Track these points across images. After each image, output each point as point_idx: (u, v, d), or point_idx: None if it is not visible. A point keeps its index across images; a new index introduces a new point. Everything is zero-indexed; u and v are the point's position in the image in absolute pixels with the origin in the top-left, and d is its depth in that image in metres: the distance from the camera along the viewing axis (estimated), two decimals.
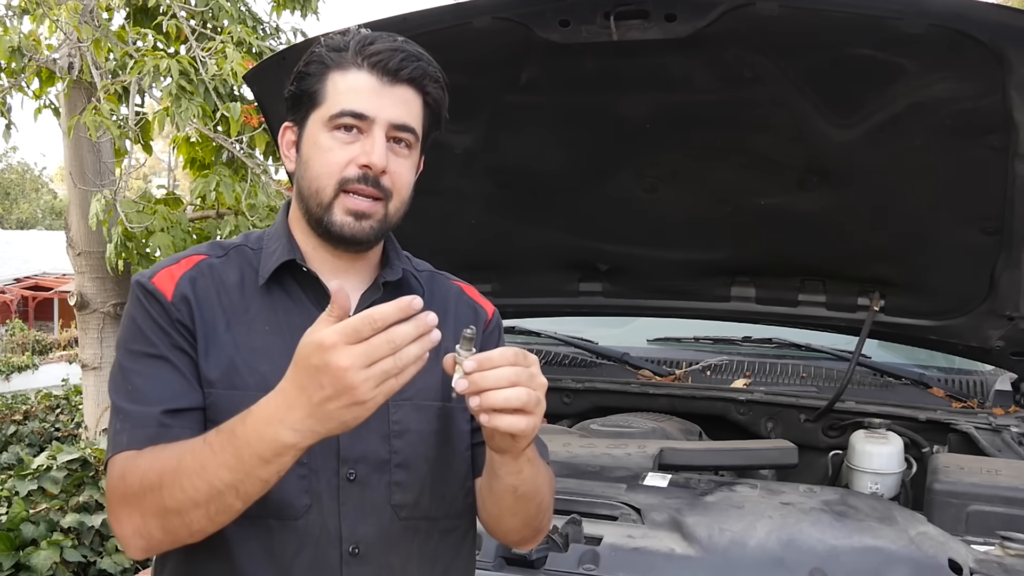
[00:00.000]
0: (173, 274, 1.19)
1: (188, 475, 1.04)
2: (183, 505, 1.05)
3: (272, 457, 1.01)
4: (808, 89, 2.05)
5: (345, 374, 0.95)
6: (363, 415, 0.98)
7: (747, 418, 2.75)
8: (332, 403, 0.96)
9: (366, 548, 1.17)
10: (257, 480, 1.03)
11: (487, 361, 1.02)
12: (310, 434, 0.99)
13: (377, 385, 0.96)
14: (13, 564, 3.67)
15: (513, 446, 1.09)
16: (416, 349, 0.97)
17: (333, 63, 1.18)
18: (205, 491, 1.03)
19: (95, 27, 4.39)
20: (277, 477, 1.03)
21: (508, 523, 1.25)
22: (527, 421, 1.03)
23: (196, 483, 1.04)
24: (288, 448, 1.00)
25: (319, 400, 0.97)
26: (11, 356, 16.44)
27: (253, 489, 1.04)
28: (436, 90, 1.22)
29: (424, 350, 0.98)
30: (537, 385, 1.04)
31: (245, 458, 1.01)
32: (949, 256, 2.35)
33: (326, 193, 1.17)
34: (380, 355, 0.95)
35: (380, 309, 0.96)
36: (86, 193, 4.95)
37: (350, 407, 0.97)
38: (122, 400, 1.15)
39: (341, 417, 0.98)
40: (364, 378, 0.95)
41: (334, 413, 0.97)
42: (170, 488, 1.05)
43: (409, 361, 0.97)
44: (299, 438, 0.99)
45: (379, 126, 1.17)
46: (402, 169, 1.20)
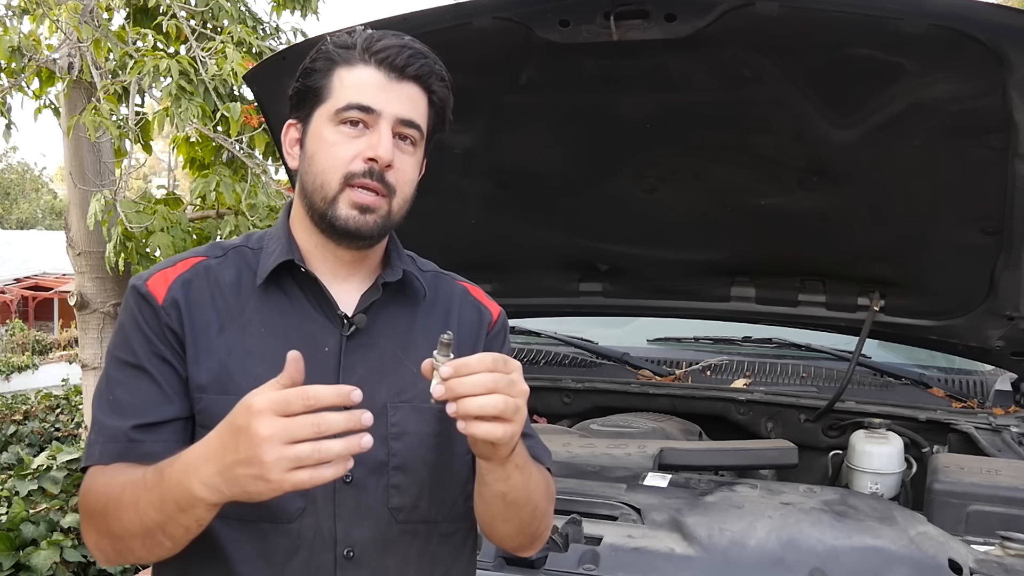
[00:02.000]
0: (167, 277, 1.19)
1: (125, 507, 1.05)
2: (122, 533, 1.07)
3: (186, 506, 1.00)
4: (808, 89, 2.05)
5: (261, 444, 0.92)
6: (267, 493, 0.95)
7: (747, 418, 2.75)
8: (241, 468, 0.94)
9: (361, 551, 1.16)
10: (178, 525, 1.02)
11: (464, 367, 1.00)
12: (216, 493, 0.97)
13: (288, 469, 0.92)
14: (13, 564, 3.67)
15: (494, 453, 1.07)
16: (339, 447, 0.93)
17: (340, 59, 1.18)
18: (138, 525, 1.04)
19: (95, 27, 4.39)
20: (198, 527, 1.02)
21: (502, 529, 1.23)
22: (504, 429, 1.01)
23: (131, 516, 1.05)
24: (198, 501, 0.98)
25: (231, 461, 0.95)
26: (11, 356, 16.44)
27: (178, 532, 1.03)
28: (442, 89, 1.22)
29: (348, 452, 0.93)
30: (517, 392, 1.02)
31: (167, 502, 1.01)
32: (949, 256, 2.36)
33: (331, 187, 1.16)
34: (301, 436, 0.92)
35: (317, 389, 0.93)
36: (86, 193, 4.95)
37: (255, 480, 0.94)
38: (100, 411, 1.16)
39: (246, 487, 0.95)
40: (277, 456, 0.92)
41: (240, 479, 0.95)
42: (113, 516, 1.07)
43: (328, 456, 0.92)
44: (207, 493, 0.97)
45: (386, 120, 1.16)
46: (406, 166, 1.19)
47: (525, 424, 1.24)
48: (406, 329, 1.23)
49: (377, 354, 1.20)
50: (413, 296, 1.26)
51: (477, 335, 1.29)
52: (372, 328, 1.21)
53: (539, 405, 2.91)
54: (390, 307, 1.24)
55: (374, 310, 1.22)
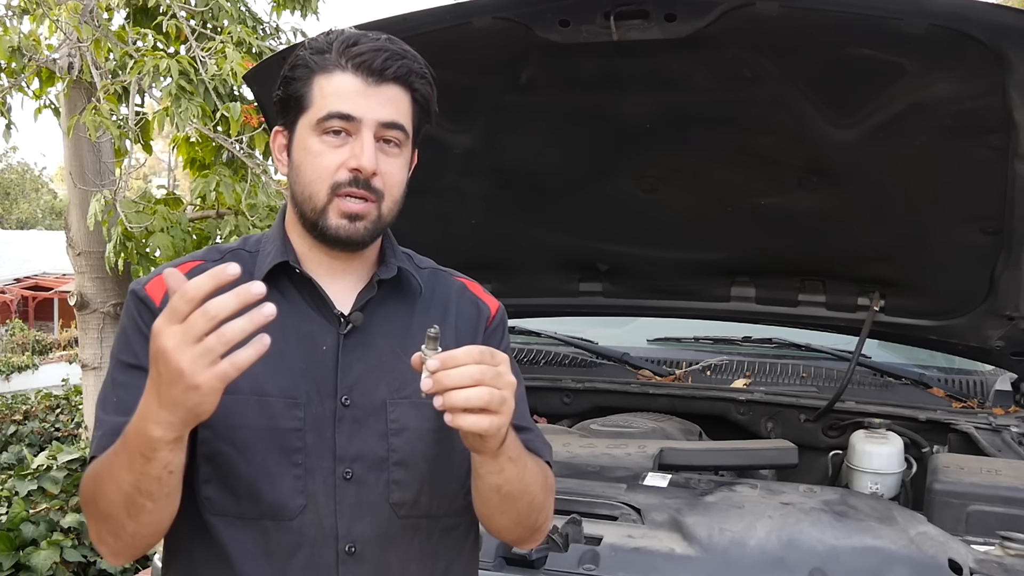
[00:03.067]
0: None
1: (106, 480, 1.07)
2: (110, 510, 1.08)
3: (150, 453, 1.00)
4: (808, 89, 2.05)
5: (172, 355, 0.92)
6: (204, 401, 0.95)
7: (747, 418, 2.74)
8: (172, 389, 0.95)
9: (363, 547, 1.17)
10: (150, 478, 1.02)
11: (450, 360, 1.01)
12: (169, 425, 0.98)
13: (207, 366, 0.92)
14: (13, 564, 3.67)
15: (484, 446, 1.08)
16: (242, 324, 0.92)
17: (317, 66, 1.18)
18: (118, 494, 1.05)
19: (95, 27, 4.39)
20: (168, 473, 1.03)
21: (499, 522, 1.24)
22: (490, 421, 1.02)
23: (111, 487, 1.06)
24: (157, 442, 0.99)
25: (163, 389, 0.96)
26: (11, 356, 16.44)
27: (152, 487, 1.03)
28: (423, 86, 1.21)
29: (254, 325, 0.93)
30: (504, 384, 1.03)
31: (134, 457, 1.02)
32: (949, 256, 2.35)
33: (319, 198, 1.17)
34: (200, 330, 0.91)
35: (192, 282, 0.92)
36: (86, 193, 4.95)
37: (187, 392, 0.94)
38: (104, 410, 1.17)
39: (185, 403, 0.95)
40: (190, 358, 0.92)
41: (178, 399, 0.95)
42: (100, 495, 1.08)
43: (234, 337, 0.92)
44: (162, 431, 0.98)
45: (367, 127, 1.16)
46: (393, 169, 1.19)
47: (525, 418, 1.25)
48: (404, 326, 1.24)
49: (375, 351, 1.20)
50: (410, 293, 1.27)
51: (475, 331, 1.29)
52: (369, 326, 1.21)
53: (539, 405, 2.91)
54: (387, 304, 1.24)
55: (371, 308, 1.22)
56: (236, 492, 1.15)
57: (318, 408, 1.17)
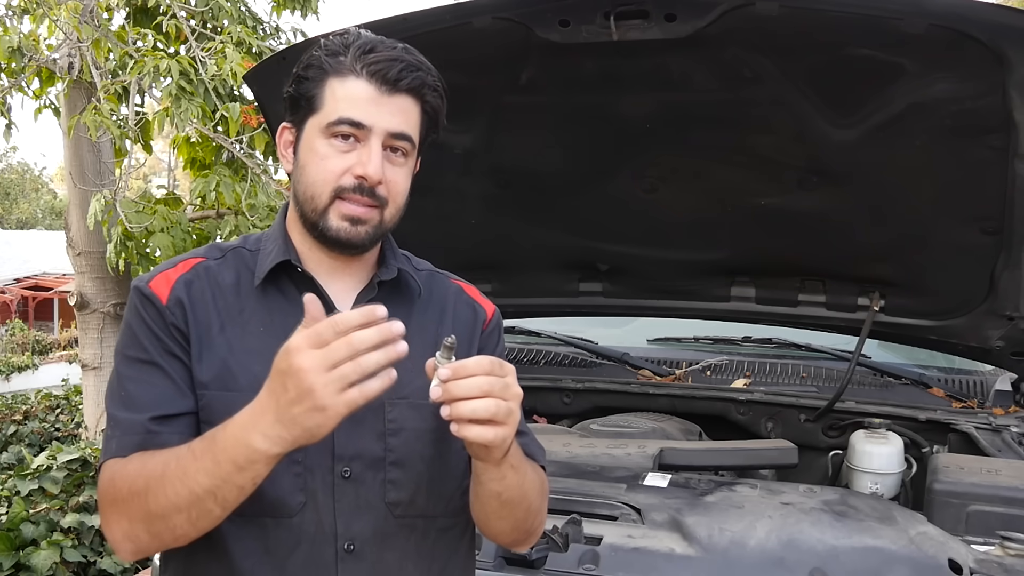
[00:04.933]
0: (169, 278, 1.21)
1: (171, 480, 1.06)
2: (166, 510, 1.07)
3: (246, 464, 1.01)
4: (808, 89, 2.05)
5: (306, 376, 0.95)
6: (326, 424, 0.98)
7: (747, 418, 2.74)
8: (296, 407, 0.97)
9: (361, 545, 1.17)
10: (234, 487, 1.03)
11: (462, 369, 1.02)
12: (279, 441, 1.00)
13: (339, 391, 0.95)
14: (13, 564, 3.67)
15: (488, 455, 1.08)
16: (378, 357, 0.96)
17: (332, 69, 1.18)
18: (186, 496, 1.05)
19: (95, 27, 4.39)
20: (252, 485, 1.04)
21: (496, 526, 1.25)
22: (495, 432, 1.03)
23: (178, 488, 1.05)
24: (260, 454, 1.01)
25: (284, 404, 0.98)
26: (11, 356, 16.43)
27: (231, 495, 1.04)
28: (435, 98, 1.22)
29: (388, 359, 0.97)
30: (511, 396, 1.04)
31: (222, 463, 1.02)
32: (949, 256, 2.35)
33: (321, 199, 1.18)
34: (339, 358, 0.95)
35: (344, 315, 0.97)
36: (86, 193, 4.95)
37: (311, 412, 0.97)
38: (115, 407, 1.17)
39: (304, 423, 0.98)
40: (324, 382, 0.95)
41: (298, 418, 0.97)
42: (155, 493, 1.07)
43: (369, 368, 0.96)
44: (269, 444, 1.00)
45: (376, 136, 1.17)
46: (398, 177, 1.20)
47: (521, 422, 1.25)
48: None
49: None
50: (408, 294, 1.28)
51: (472, 333, 1.30)
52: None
53: (539, 405, 2.91)
54: (386, 305, 1.24)
55: None
56: None
57: None
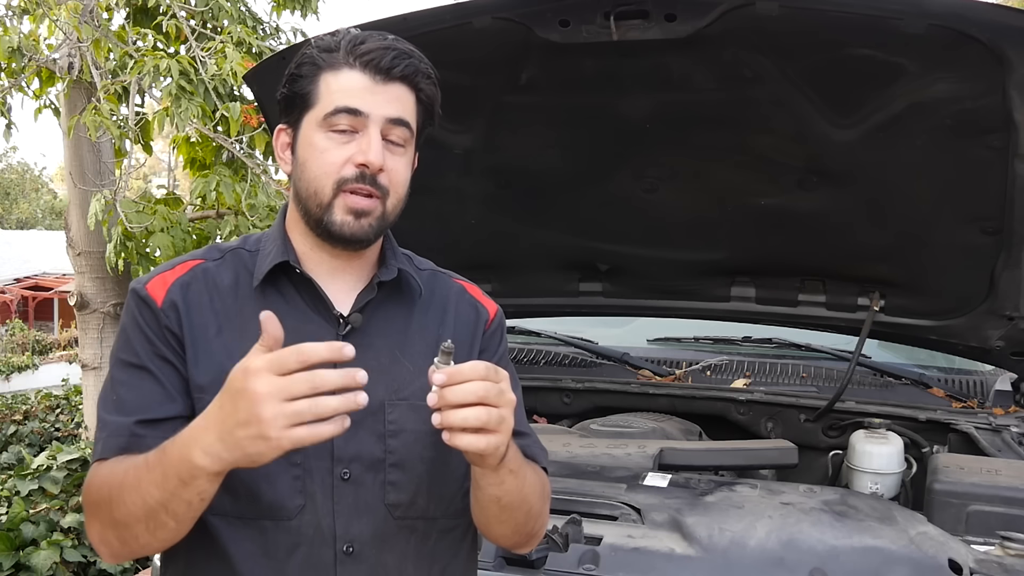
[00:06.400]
0: (166, 280, 1.20)
1: (128, 490, 1.06)
2: (127, 519, 1.07)
3: (188, 479, 1.00)
4: (808, 89, 2.05)
5: (259, 401, 0.94)
6: (267, 454, 0.96)
7: (747, 418, 2.74)
8: (241, 430, 0.95)
9: (360, 547, 1.17)
10: (181, 501, 1.02)
11: (457, 374, 1.01)
12: (218, 460, 0.98)
13: (288, 426, 0.93)
14: (13, 564, 3.67)
15: (482, 461, 1.08)
16: (336, 403, 0.94)
17: (325, 63, 1.18)
18: (141, 507, 1.05)
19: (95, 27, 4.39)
20: (200, 501, 1.03)
21: (497, 530, 1.24)
22: (488, 441, 1.02)
23: (134, 498, 1.06)
24: (199, 471, 0.99)
25: (231, 425, 0.96)
26: (11, 356, 16.43)
27: (180, 510, 1.03)
28: (429, 86, 1.22)
29: (345, 407, 0.95)
30: (504, 402, 1.03)
31: (169, 477, 1.02)
32: (949, 256, 2.35)
33: (325, 194, 1.17)
34: (297, 393, 0.93)
35: (310, 346, 0.95)
36: (86, 193, 4.95)
37: (255, 440, 0.95)
38: (104, 409, 1.17)
39: (246, 448, 0.96)
40: (275, 413, 0.93)
41: (241, 441, 0.96)
42: (116, 502, 1.08)
43: (325, 411, 0.94)
44: (208, 462, 0.98)
45: (374, 123, 1.16)
46: (398, 166, 1.20)
47: (522, 423, 1.25)
48: (402, 327, 1.24)
49: (373, 353, 1.20)
50: (409, 294, 1.27)
51: (474, 333, 1.30)
52: (368, 327, 1.21)
53: (539, 405, 2.91)
54: (386, 306, 1.24)
55: (370, 309, 1.22)
56: (235, 492, 1.15)
57: None
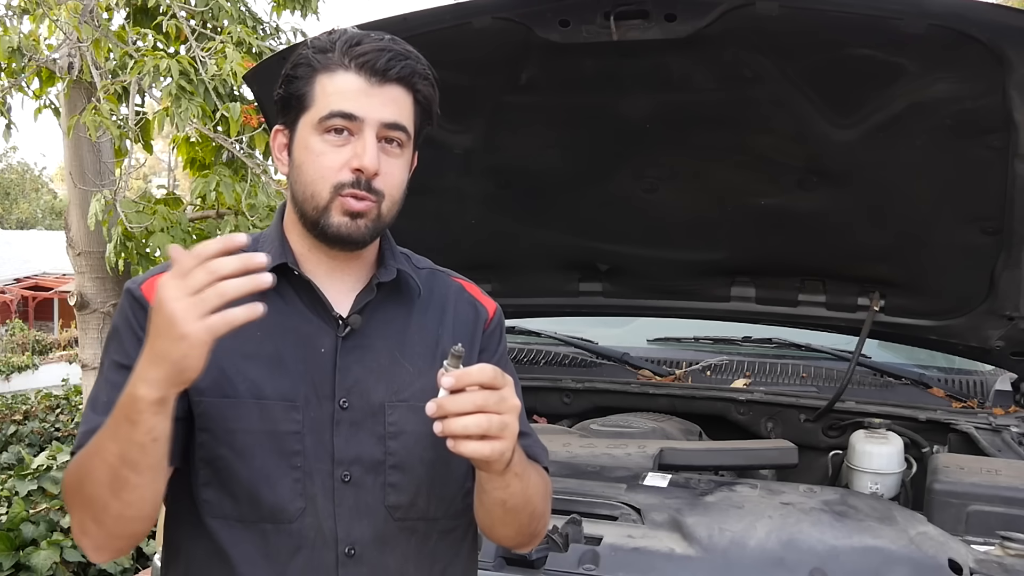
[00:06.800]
0: None
1: (91, 458, 1.07)
2: (94, 491, 1.07)
3: (134, 415, 1.00)
4: (808, 89, 2.05)
5: (167, 304, 0.95)
6: (190, 353, 0.96)
7: (747, 418, 2.74)
8: (161, 340, 0.96)
9: (362, 549, 1.17)
10: (134, 444, 1.02)
11: (465, 377, 1.01)
12: (154, 383, 0.98)
13: (199, 316, 0.94)
14: (13, 564, 3.67)
15: (488, 467, 1.07)
16: (240, 283, 0.95)
17: (320, 65, 1.17)
18: (104, 469, 1.05)
19: (95, 27, 4.39)
20: (151, 441, 1.02)
21: (501, 532, 1.24)
22: (492, 447, 1.02)
23: (97, 463, 1.06)
24: (142, 402, 0.99)
25: (153, 340, 0.98)
26: (11, 356, 16.43)
27: (136, 455, 1.03)
28: (426, 87, 1.21)
29: (251, 287, 0.96)
30: (506, 408, 1.03)
31: (120, 422, 1.02)
32: (949, 256, 2.35)
33: (321, 197, 1.16)
34: (199, 283, 0.95)
35: (205, 244, 0.97)
36: (86, 193, 4.95)
37: (175, 342, 0.95)
38: (89, 407, 1.17)
39: (170, 354, 0.96)
40: (184, 308, 0.94)
41: (165, 351, 0.96)
42: (84, 478, 1.08)
43: (229, 293, 0.95)
44: (147, 388, 0.98)
45: (369, 127, 1.16)
46: (394, 170, 1.19)
47: (523, 422, 1.25)
48: (401, 328, 1.24)
49: (373, 354, 1.20)
50: (408, 295, 1.26)
51: (473, 333, 1.29)
52: (367, 328, 1.21)
53: (539, 405, 2.91)
54: (385, 306, 1.24)
55: (369, 310, 1.22)
56: (235, 495, 1.15)
57: (316, 411, 1.17)
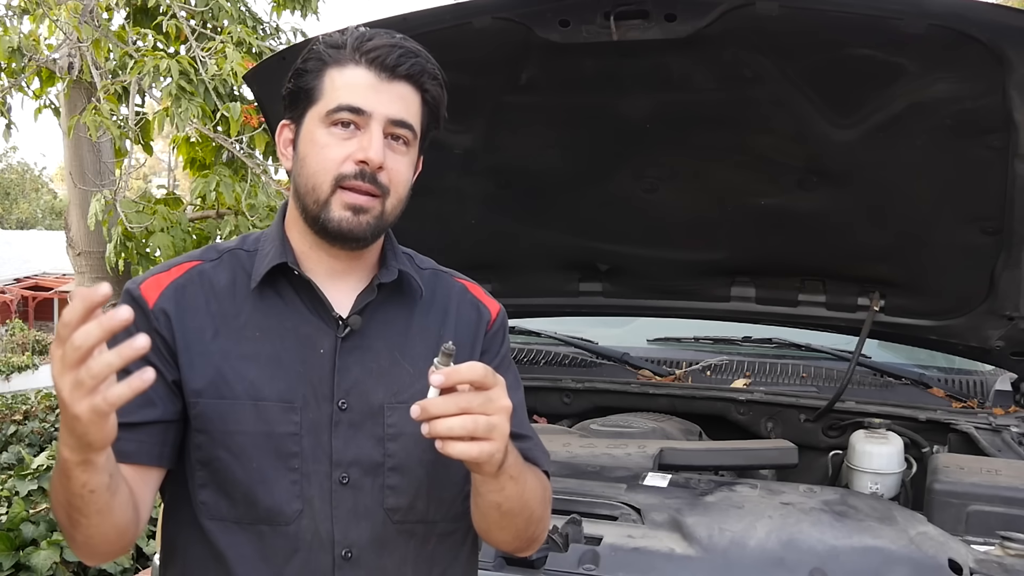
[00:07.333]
0: (160, 282, 1.19)
1: (54, 489, 1.07)
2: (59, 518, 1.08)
3: (67, 472, 0.98)
4: (808, 89, 2.05)
5: (56, 380, 0.90)
6: (89, 432, 0.91)
7: (747, 418, 2.74)
8: (64, 413, 0.93)
9: (359, 552, 1.16)
10: (75, 495, 1.00)
11: (454, 375, 1.00)
12: (73, 447, 0.95)
13: (83, 397, 0.88)
14: (13, 564, 3.67)
15: (479, 469, 1.06)
16: (109, 358, 0.87)
17: (331, 59, 1.17)
18: (60, 507, 1.06)
19: (95, 27, 4.39)
20: (89, 493, 1.00)
21: (497, 536, 1.23)
22: (480, 448, 1.00)
23: (54, 500, 1.07)
24: (67, 462, 0.97)
25: (62, 411, 0.94)
26: (11, 356, 16.42)
27: (78, 503, 1.01)
28: (435, 87, 1.21)
29: (121, 360, 0.87)
30: (494, 409, 1.00)
31: (60, 475, 1.01)
32: (949, 256, 2.35)
33: (323, 189, 1.16)
34: (72, 359, 0.87)
35: (68, 309, 0.88)
36: (86, 193, 4.96)
37: (72, 420, 0.91)
38: None
39: (74, 430, 0.92)
40: (68, 387, 0.89)
41: (68, 423, 0.93)
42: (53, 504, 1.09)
43: (100, 372, 0.87)
44: (68, 451, 0.96)
45: (376, 121, 1.15)
46: (400, 166, 1.18)
47: (523, 425, 1.24)
48: (402, 330, 1.23)
49: (373, 355, 1.19)
50: (410, 296, 1.25)
51: (476, 334, 1.28)
52: (367, 329, 1.20)
53: (539, 405, 2.91)
54: (386, 307, 1.23)
55: (369, 311, 1.21)
56: (232, 497, 1.14)
57: (315, 412, 1.16)
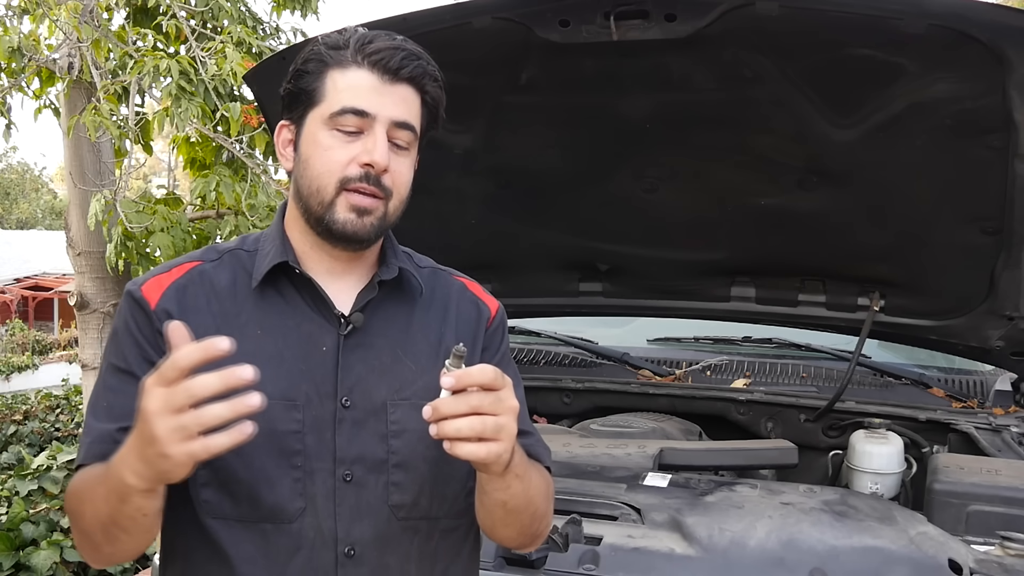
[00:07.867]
0: (161, 283, 1.19)
1: (87, 503, 1.07)
2: (89, 529, 1.09)
3: (125, 496, 1.00)
4: (808, 89, 2.05)
5: (151, 419, 0.92)
6: (174, 471, 0.94)
7: (747, 418, 2.74)
8: (148, 448, 0.94)
9: (362, 549, 1.16)
10: (125, 517, 1.02)
11: (466, 377, 1.00)
12: (143, 478, 0.97)
13: (181, 441, 0.90)
14: (13, 564, 3.67)
15: (486, 468, 1.07)
16: (221, 411, 0.90)
17: (332, 61, 1.17)
18: (96, 520, 1.06)
19: (95, 27, 4.39)
20: (142, 516, 1.02)
21: (502, 532, 1.24)
22: (488, 449, 1.01)
23: (91, 511, 1.07)
24: (130, 489, 0.98)
25: (142, 444, 0.95)
26: (11, 356, 16.42)
27: (126, 524, 1.03)
28: (435, 89, 1.21)
29: (233, 414, 0.90)
30: (503, 410, 1.01)
31: (111, 493, 1.02)
32: (949, 256, 2.35)
33: (327, 192, 1.16)
34: (179, 404, 0.90)
35: (182, 351, 0.91)
36: (86, 193, 4.95)
37: (160, 458, 0.93)
38: (90, 414, 1.17)
39: (157, 465, 0.94)
40: (167, 428, 0.91)
41: (151, 459, 0.94)
42: (80, 513, 1.10)
43: (211, 422, 0.89)
44: (136, 480, 0.98)
45: (380, 124, 1.16)
46: (402, 168, 1.19)
47: (524, 421, 1.25)
48: (403, 327, 1.24)
49: (375, 352, 1.20)
50: (410, 293, 1.26)
51: (476, 331, 1.29)
52: (369, 327, 1.21)
53: (539, 405, 2.91)
54: (387, 305, 1.24)
55: (371, 308, 1.22)
56: (235, 495, 1.15)
57: (318, 409, 1.16)
